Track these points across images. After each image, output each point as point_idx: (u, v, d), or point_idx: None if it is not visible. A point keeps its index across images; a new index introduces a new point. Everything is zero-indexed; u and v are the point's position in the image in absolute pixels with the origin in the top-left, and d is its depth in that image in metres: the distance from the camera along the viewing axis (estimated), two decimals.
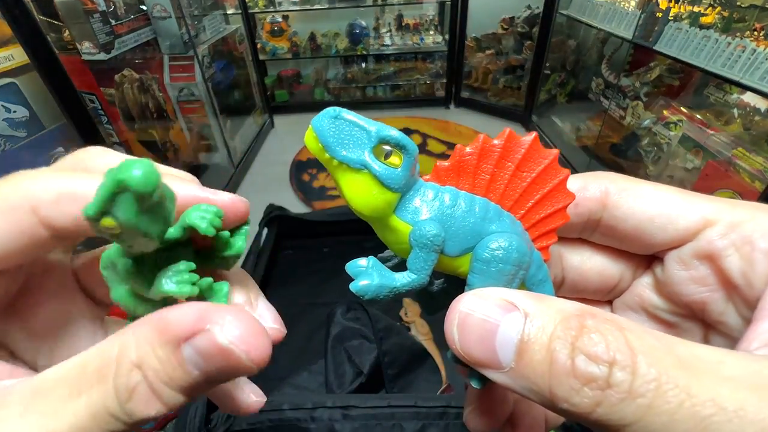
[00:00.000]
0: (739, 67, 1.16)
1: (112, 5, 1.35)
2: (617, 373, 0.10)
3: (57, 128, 1.26)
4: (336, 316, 0.86)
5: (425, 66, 2.97)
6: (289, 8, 2.68)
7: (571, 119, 2.27)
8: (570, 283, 0.19)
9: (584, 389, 0.10)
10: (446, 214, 0.14)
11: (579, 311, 0.11)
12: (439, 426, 0.58)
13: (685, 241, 0.15)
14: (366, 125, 0.14)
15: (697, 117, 1.48)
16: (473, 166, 0.15)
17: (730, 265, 0.14)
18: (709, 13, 1.36)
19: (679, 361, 0.10)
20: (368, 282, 0.14)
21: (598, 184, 0.17)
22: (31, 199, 0.14)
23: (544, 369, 0.11)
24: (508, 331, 0.12)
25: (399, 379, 0.77)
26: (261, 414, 0.58)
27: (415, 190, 0.15)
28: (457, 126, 2.63)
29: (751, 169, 1.21)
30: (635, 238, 0.16)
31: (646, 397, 0.10)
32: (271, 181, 2.16)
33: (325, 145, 0.14)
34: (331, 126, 0.14)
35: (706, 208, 0.15)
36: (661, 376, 0.10)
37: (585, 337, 0.11)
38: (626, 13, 1.68)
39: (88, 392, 0.12)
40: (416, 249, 0.14)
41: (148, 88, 1.58)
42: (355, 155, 0.14)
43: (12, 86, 1.16)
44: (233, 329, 0.12)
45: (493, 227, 0.15)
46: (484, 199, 0.15)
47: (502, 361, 0.12)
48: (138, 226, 0.13)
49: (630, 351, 0.10)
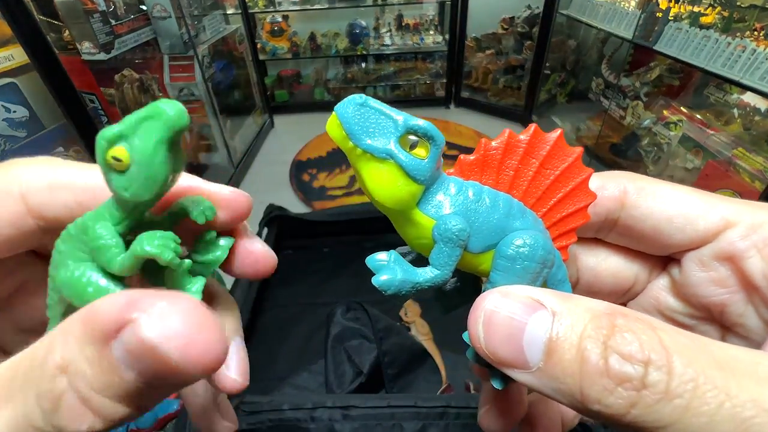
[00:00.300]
0: (739, 67, 1.16)
1: (112, 5, 1.35)
2: (653, 373, 0.10)
3: (57, 128, 1.26)
4: (336, 316, 0.86)
5: (425, 66, 2.97)
6: (289, 8, 2.68)
7: (571, 119, 2.27)
8: (584, 284, 0.18)
9: (618, 390, 0.10)
10: (470, 209, 0.14)
11: (609, 310, 0.11)
12: (439, 426, 0.58)
13: (704, 242, 0.15)
14: (393, 114, 0.13)
15: (697, 117, 1.48)
16: (498, 161, 0.15)
17: (752, 267, 0.14)
18: (709, 13, 1.36)
19: (716, 361, 0.10)
20: (391, 277, 0.14)
21: (617, 183, 0.16)
22: (21, 186, 0.13)
23: (575, 369, 0.10)
24: (535, 330, 0.11)
25: (399, 379, 0.77)
26: (261, 414, 0.58)
27: (438, 184, 0.14)
28: (457, 126, 2.63)
29: (751, 169, 1.21)
30: (653, 238, 0.16)
31: (684, 398, 0.09)
32: (271, 181, 2.16)
33: (349, 132, 0.13)
34: (356, 113, 0.13)
35: (727, 210, 0.15)
36: (699, 376, 0.09)
37: (617, 336, 0.10)
38: (626, 13, 1.68)
39: (13, 401, 0.10)
40: (440, 244, 0.14)
41: (148, 88, 1.58)
42: (381, 144, 0.13)
43: (12, 86, 1.16)
44: (162, 319, 0.10)
45: (517, 224, 0.14)
46: (507, 195, 0.15)
47: (529, 361, 0.11)
48: (152, 159, 0.12)
49: (665, 350, 0.10)
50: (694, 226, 0.15)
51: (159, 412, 0.69)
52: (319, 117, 2.83)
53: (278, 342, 0.90)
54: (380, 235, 1.09)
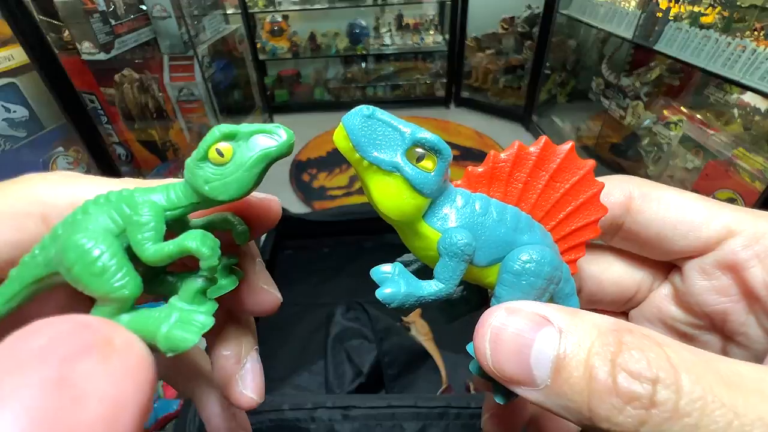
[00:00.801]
0: (739, 67, 1.16)
1: (112, 5, 1.35)
2: (662, 392, 0.10)
3: (57, 128, 1.26)
4: (336, 316, 0.86)
5: (425, 66, 2.97)
6: (289, 8, 2.68)
7: (572, 119, 2.27)
8: (587, 292, 0.18)
9: (627, 408, 0.10)
10: (477, 222, 0.14)
11: (616, 326, 0.11)
12: (439, 426, 0.58)
13: (707, 250, 0.15)
14: (400, 126, 0.13)
15: (697, 117, 1.48)
16: (507, 174, 0.15)
17: (753, 277, 0.14)
18: (709, 13, 1.36)
19: (722, 379, 0.10)
20: (394, 290, 0.14)
21: (622, 188, 0.16)
22: (41, 206, 0.13)
23: (583, 387, 0.10)
24: (543, 347, 0.11)
25: (399, 379, 0.77)
26: (261, 414, 0.58)
27: (445, 196, 0.14)
28: (457, 126, 2.63)
29: (751, 169, 1.21)
30: (657, 244, 0.16)
31: (693, 417, 0.09)
32: (271, 181, 2.16)
33: (356, 144, 0.13)
34: (363, 125, 0.13)
35: (730, 218, 0.15)
36: (707, 394, 0.09)
37: (625, 354, 0.10)
38: (626, 13, 1.68)
39: None
40: (445, 257, 0.14)
41: (148, 87, 1.58)
42: (388, 157, 0.13)
43: (12, 86, 1.16)
44: None
45: (524, 238, 0.14)
46: (515, 209, 0.15)
47: (537, 379, 0.11)
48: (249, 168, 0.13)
49: (673, 368, 0.10)
50: (697, 234, 0.15)
51: (159, 412, 0.69)
52: (319, 117, 2.83)
53: (278, 342, 0.90)
54: (380, 235, 1.09)
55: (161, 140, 1.66)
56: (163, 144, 1.68)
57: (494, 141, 2.44)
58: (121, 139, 1.54)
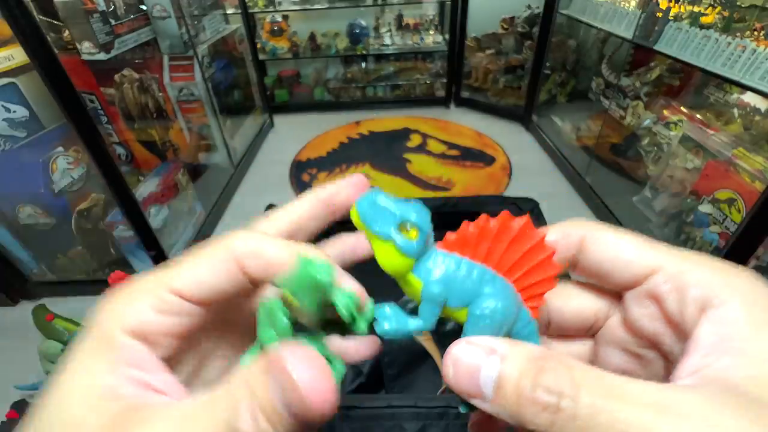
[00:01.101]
0: (739, 67, 1.16)
1: (112, 5, 1.35)
2: (564, 401, 0.13)
3: (57, 128, 1.26)
4: None
5: (425, 66, 2.97)
6: (289, 8, 2.69)
7: (572, 119, 2.27)
8: (555, 324, 0.23)
9: (543, 413, 0.14)
10: (450, 276, 0.19)
11: (541, 354, 0.15)
12: (439, 426, 0.58)
13: (638, 283, 0.19)
14: (393, 209, 0.18)
15: (697, 117, 1.48)
16: (474, 241, 0.19)
17: (670, 307, 0.17)
18: (709, 13, 1.36)
19: (611, 392, 0.13)
20: (389, 326, 0.19)
21: (578, 230, 0.20)
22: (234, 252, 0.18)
23: (515, 399, 0.14)
24: (489, 370, 0.15)
25: (399, 379, 0.77)
26: None
27: (428, 256, 0.19)
28: (457, 126, 2.63)
29: (751, 169, 1.21)
30: (603, 277, 0.20)
31: (584, 420, 0.13)
32: (271, 181, 2.16)
33: (363, 221, 0.18)
34: (369, 208, 0.18)
35: (655, 257, 0.18)
36: (596, 403, 0.13)
37: (543, 375, 0.14)
38: (626, 12, 1.68)
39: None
40: (425, 302, 0.19)
41: (148, 87, 1.58)
42: (384, 230, 0.18)
43: (12, 86, 1.16)
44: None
45: (486, 289, 0.19)
46: (481, 266, 0.19)
47: (485, 394, 0.15)
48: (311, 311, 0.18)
49: (575, 385, 0.14)
50: (630, 269, 0.19)
51: None
52: (319, 117, 2.83)
53: None
54: None
55: (161, 140, 1.66)
56: (163, 144, 1.68)
57: (494, 141, 2.44)
58: (121, 139, 1.54)
